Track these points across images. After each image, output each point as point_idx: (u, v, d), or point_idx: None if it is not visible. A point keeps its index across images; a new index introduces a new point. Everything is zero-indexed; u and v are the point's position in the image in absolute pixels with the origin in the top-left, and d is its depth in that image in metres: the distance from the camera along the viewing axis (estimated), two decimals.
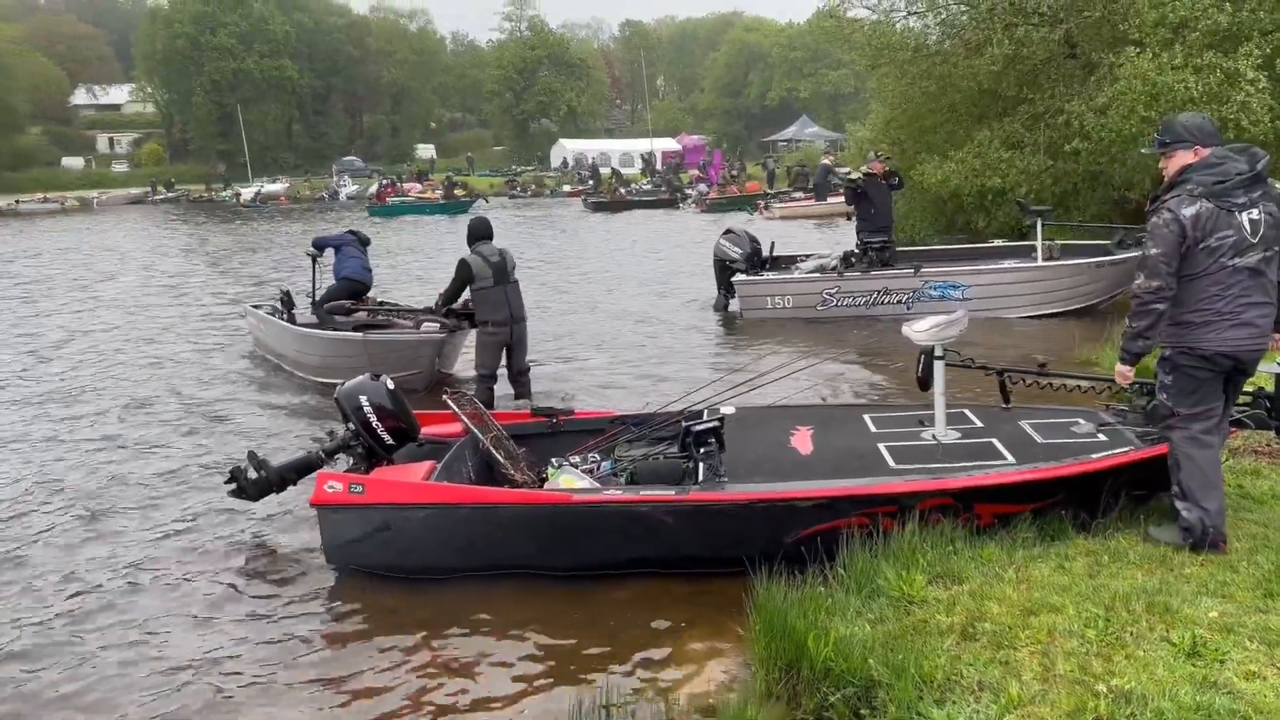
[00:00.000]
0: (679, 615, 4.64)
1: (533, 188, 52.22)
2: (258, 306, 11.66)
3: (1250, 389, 4.88)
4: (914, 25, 16.71)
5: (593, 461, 5.75)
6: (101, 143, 76.19)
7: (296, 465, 5.82)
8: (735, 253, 12.93)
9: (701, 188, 38.68)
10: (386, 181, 47.25)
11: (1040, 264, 11.81)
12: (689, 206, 36.17)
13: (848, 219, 15.31)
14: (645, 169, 52.40)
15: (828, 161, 33.82)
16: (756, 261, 13.05)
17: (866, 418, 5.94)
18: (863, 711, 3.46)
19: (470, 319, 9.39)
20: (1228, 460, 5.51)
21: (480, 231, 8.74)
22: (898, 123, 17.55)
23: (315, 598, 5.08)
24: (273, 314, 10.91)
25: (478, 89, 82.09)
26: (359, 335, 9.33)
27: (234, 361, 11.30)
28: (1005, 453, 5.12)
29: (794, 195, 32.91)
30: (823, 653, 3.65)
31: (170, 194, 56.23)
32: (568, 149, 64.57)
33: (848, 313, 12.14)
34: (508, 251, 8.73)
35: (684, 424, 5.64)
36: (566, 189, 49.33)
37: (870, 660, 3.54)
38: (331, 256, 10.86)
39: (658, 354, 10.84)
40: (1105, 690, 3.24)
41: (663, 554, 4.93)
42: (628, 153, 59.46)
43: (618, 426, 6.14)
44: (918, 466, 5.02)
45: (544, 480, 5.52)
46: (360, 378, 5.69)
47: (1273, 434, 5.29)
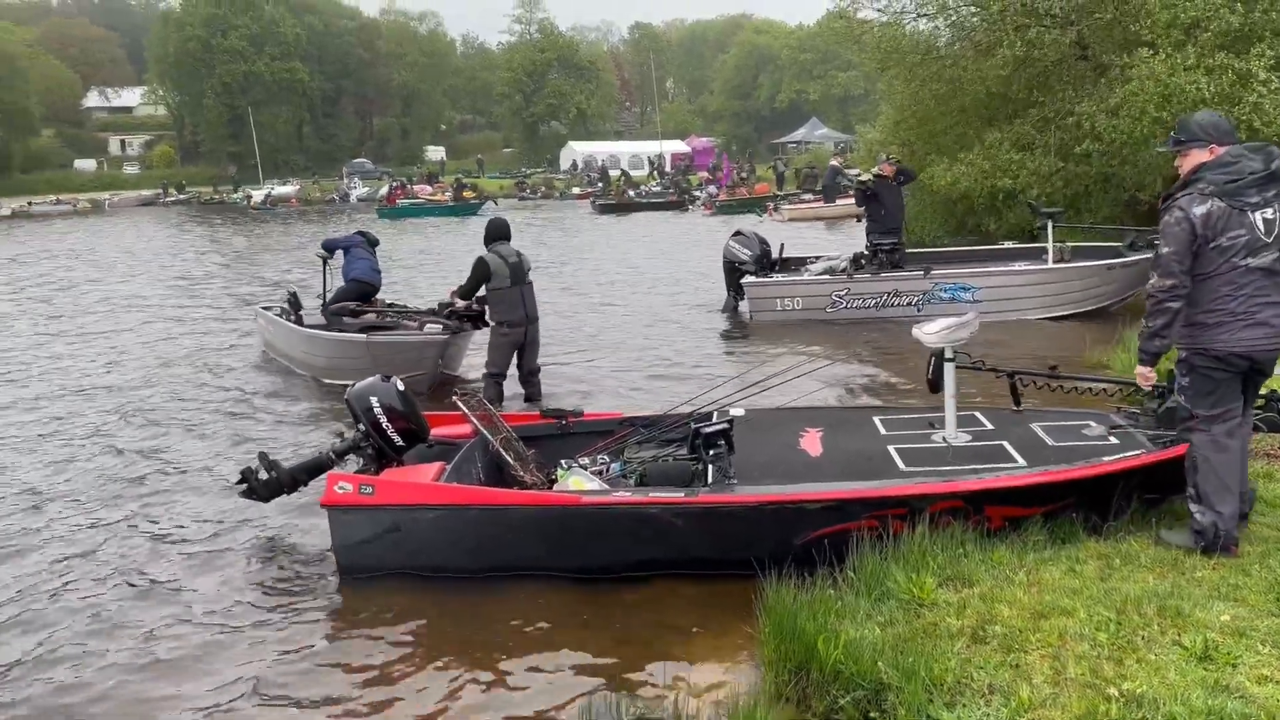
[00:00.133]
0: (688, 617, 4.64)
1: (542, 190, 52.28)
2: (267, 308, 11.71)
3: (1264, 392, 4.86)
4: (924, 27, 16.69)
5: (602, 463, 5.76)
6: (113, 145, 76.65)
7: (307, 466, 5.84)
8: (745, 254, 12.93)
9: (711, 189, 38.67)
10: (396, 184, 47.36)
11: (1051, 266, 11.77)
12: (697, 208, 36.17)
13: (857, 221, 15.29)
14: (652, 171, 52.40)
15: (836, 163, 33.82)
16: (766, 263, 13.03)
17: (876, 420, 5.92)
18: (872, 714, 3.45)
19: (473, 321, 9.43)
20: None
21: (499, 232, 8.82)
22: (907, 124, 17.53)
23: (325, 598, 5.09)
24: (281, 315, 10.95)
25: (488, 91, 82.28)
26: (363, 337, 9.38)
27: (244, 362, 11.34)
28: (1016, 455, 5.10)
29: (803, 197, 32.86)
30: (832, 655, 3.64)
31: (181, 196, 56.50)
32: (577, 151, 64.63)
33: (857, 315, 12.12)
34: (523, 253, 8.81)
35: (693, 426, 5.64)
36: (576, 191, 49.38)
37: (880, 663, 3.53)
38: (341, 258, 10.91)
39: (667, 356, 10.84)
40: (1116, 694, 3.23)
41: (672, 556, 4.92)
42: (637, 155, 59.50)
43: (627, 428, 6.15)
44: (928, 469, 5.00)
45: (553, 482, 5.52)
46: (371, 379, 5.70)
47: None
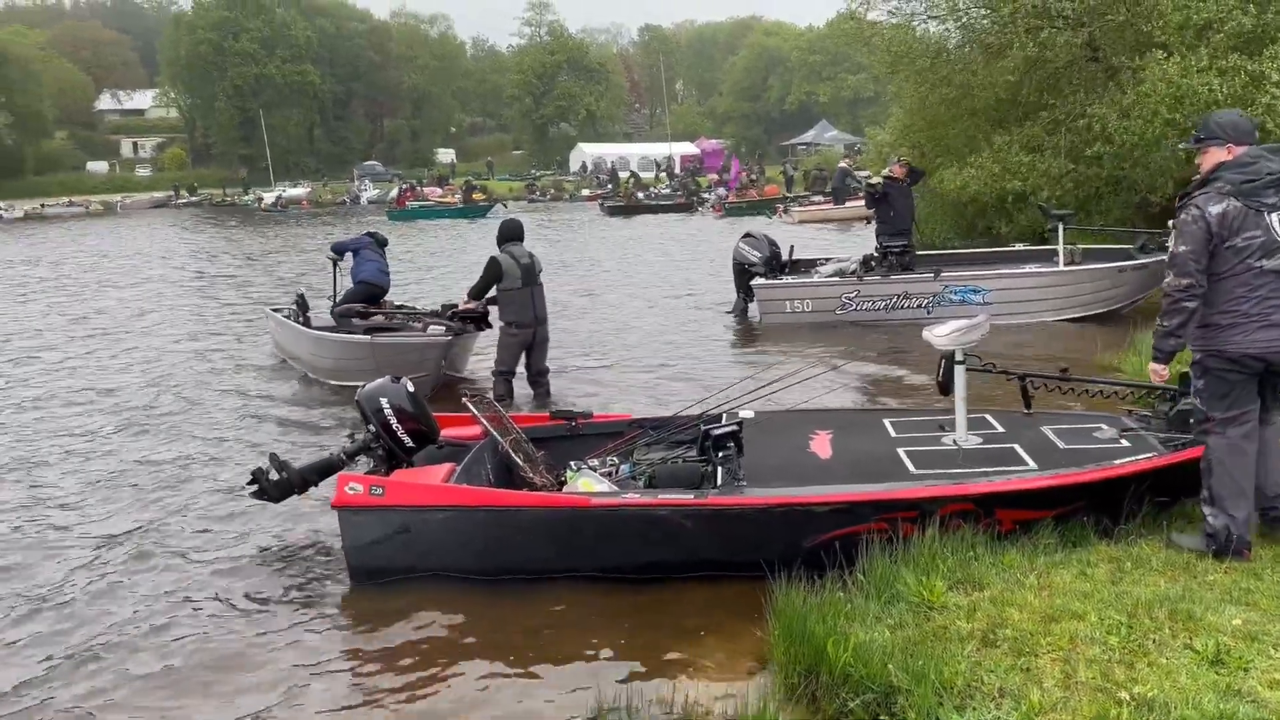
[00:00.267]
0: (698, 619, 4.63)
1: (551, 192, 52.38)
2: (277, 309, 11.76)
3: None
4: (934, 29, 16.65)
5: (611, 465, 5.76)
6: (125, 147, 77.03)
7: (318, 467, 5.85)
8: (754, 256, 12.90)
9: (720, 191, 38.66)
10: (405, 186, 47.54)
11: (1062, 268, 11.73)
12: (706, 210, 36.16)
13: (867, 223, 15.25)
14: (658, 173, 52.43)
15: (845, 164, 33.77)
16: (775, 265, 13.00)
17: (886, 422, 5.91)
18: (882, 717, 3.45)
19: (476, 322, 9.46)
20: None
21: (512, 233, 8.87)
22: (916, 127, 17.49)
23: (335, 599, 5.11)
24: (289, 317, 11.01)
25: (498, 94, 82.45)
26: (367, 338, 9.42)
27: (255, 363, 11.39)
28: (1027, 458, 5.08)
29: (813, 199, 32.83)
30: (842, 658, 3.64)
31: (193, 198, 56.77)
32: (586, 153, 64.71)
33: (867, 317, 12.10)
34: (536, 255, 8.84)
35: (703, 427, 5.64)
36: (585, 193, 49.46)
37: (890, 666, 3.52)
38: (350, 260, 10.96)
39: (676, 357, 10.84)
40: (1128, 698, 3.22)
41: (681, 558, 4.92)
42: (646, 157, 59.51)
43: (636, 430, 6.14)
44: (938, 472, 4.99)
45: (563, 483, 5.52)
46: (381, 380, 5.72)
47: None
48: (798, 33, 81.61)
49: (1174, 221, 12.31)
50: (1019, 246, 13.60)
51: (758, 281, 12.70)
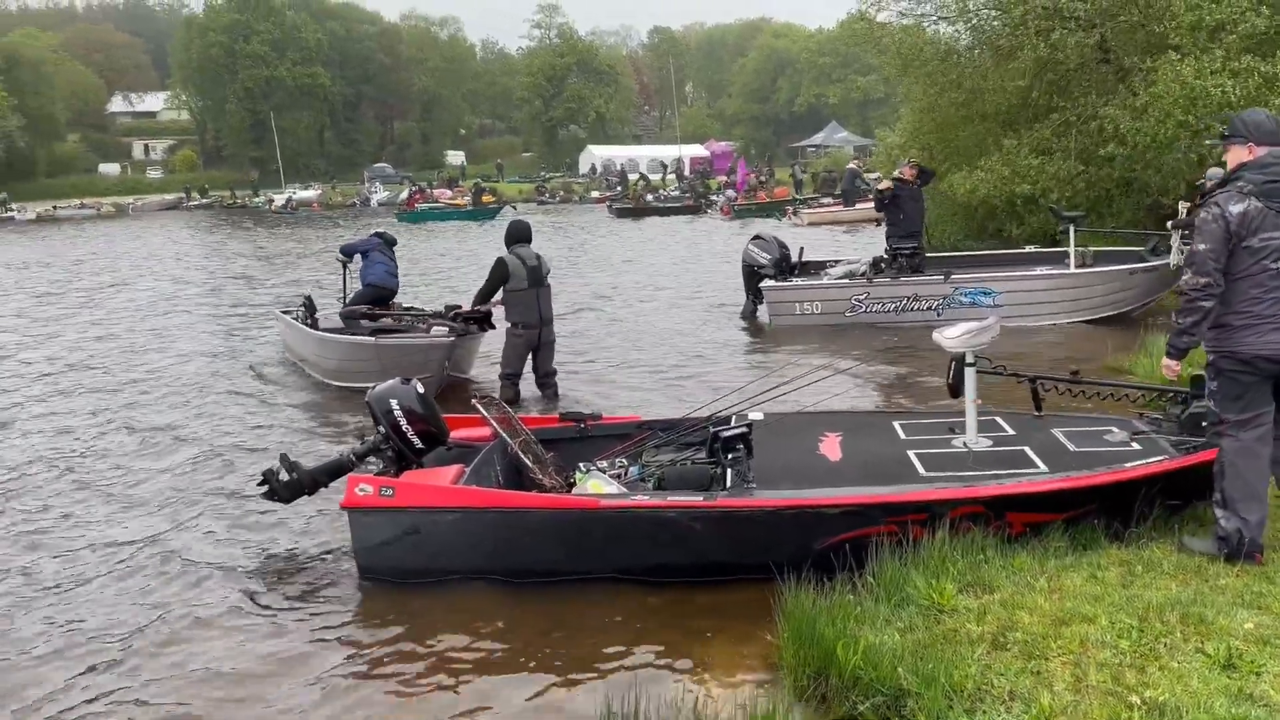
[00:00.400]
0: (707, 621, 4.63)
1: (561, 194, 52.44)
2: (287, 311, 11.80)
3: None
4: (944, 31, 16.62)
5: (620, 467, 5.76)
6: (137, 149, 77.43)
7: (328, 468, 5.87)
8: (764, 258, 12.89)
9: (730, 193, 38.67)
10: (415, 189, 47.69)
11: (1073, 271, 11.70)
12: (715, 212, 36.16)
13: (877, 225, 15.21)
14: (664, 175, 52.43)
15: (854, 166, 33.74)
16: (785, 267, 13.00)
17: (896, 424, 5.90)
18: None
19: (480, 323, 9.47)
20: None
21: (520, 234, 8.90)
22: (926, 129, 17.45)
23: (344, 600, 5.12)
24: (297, 319, 11.05)
25: (507, 96, 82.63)
26: (371, 339, 9.44)
27: (265, 364, 11.42)
28: (1037, 461, 5.07)
29: (823, 201, 32.81)
30: (852, 661, 3.63)
31: (204, 200, 57.01)
32: (596, 155, 64.78)
33: (877, 319, 12.07)
34: (544, 256, 8.85)
35: (712, 429, 5.63)
36: (595, 195, 49.52)
37: (900, 669, 3.52)
38: (360, 262, 11.01)
39: (685, 359, 10.84)
40: (1139, 702, 3.20)
41: (690, 560, 4.91)
42: (655, 159, 59.54)
43: (645, 432, 6.15)
44: (948, 474, 4.97)
45: (572, 485, 5.53)
46: (391, 381, 5.73)
47: None
48: (807, 34, 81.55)
49: (1171, 223, 12.20)
50: (1029, 248, 13.57)
51: (767, 283, 12.69)
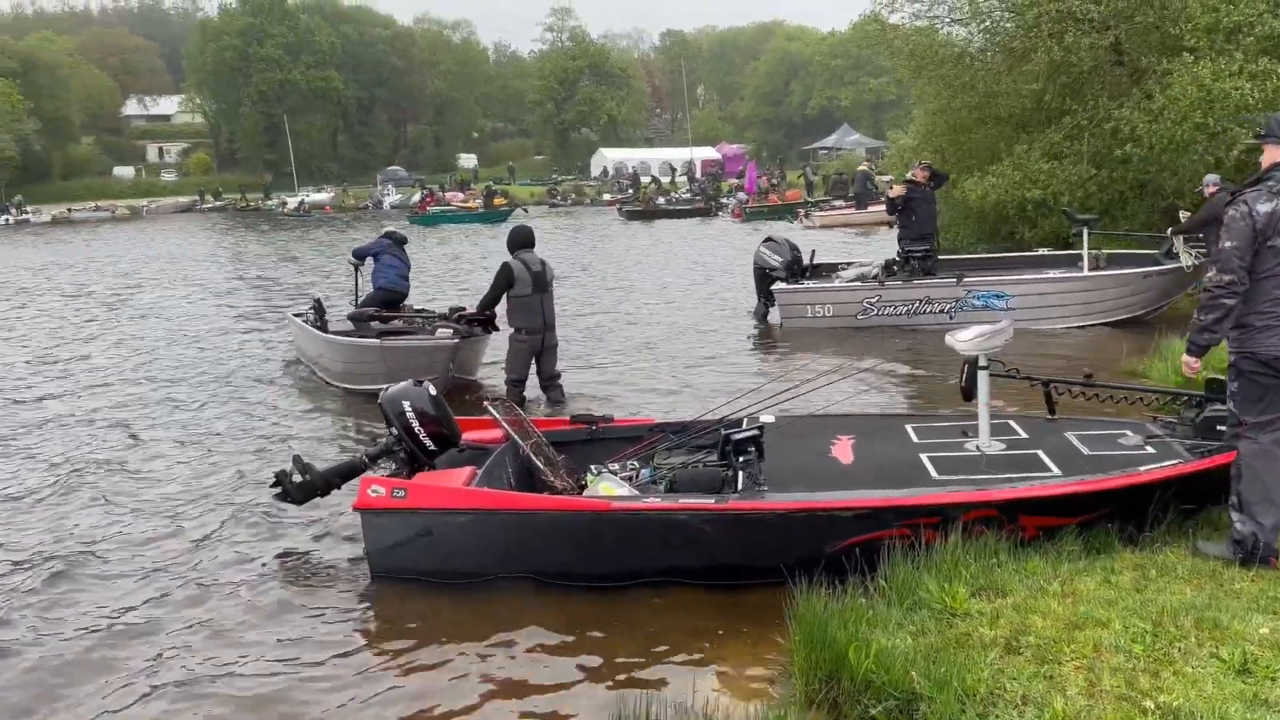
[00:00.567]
0: (718, 623, 4.62)
1: (573, 196, 52.53)
2: (298, 314, 11.87)
3: None
4: (958, 33, 16.56)
5: (632, 469, 5.76)
6: (151, 152, 77.84)
7: (341, 470, 5.90)
8: (775, 261, 12.88)
9: (741, 195, 38.63)
10: (426, 191, 47.88)
11: (1086, 274, 11.65)
12: (726, 215, 36.16)
13: (889, 227, 15.16)
14: (674, 178, 52.46)
15: (865, 168, 33.67)
16: (797, 270, 12.98)
17: (909, 428, 5.89)
18: None
19: (484, 325, 9.50)
20: None
21: (524, 239, 8.90)
22: (939, 131, 17.39)
23: (357, 601, 5.13)
24: (307, 322, 11.11)
25: (520, 99, 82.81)
26: (376, 341, 9.48)
27: (278, 366, 11.48)
28: (1050, 464, 5.05)
29: (834, 203, 32.76)
30: (864, 664, 3.62)
31: (218, 203, 57.31)
32: (608, 158, 64.86)
33: (889, 322, 12.05)
34: (548, 262, 8.87)
35: (723, 432, 5.63)
36: (606, 198, 49.61)
37: (912, 673, 3.50)
38: (372, 265, 11.08)
39: (697, 361, 10.83)
40: (1153, 706, 3.19)
41: (701, 562, 4.91)
42: (667, 162, 59.58)
43: (657, 434, 6.14)
44: (961, 477, 4.96)
45: (583, 487, 5.53)
46: (404, 383, 5.76)
47: None
48: (819, 37, 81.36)
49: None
50: (1042, 251, 13.51)
51: (779, 286, 12.68)
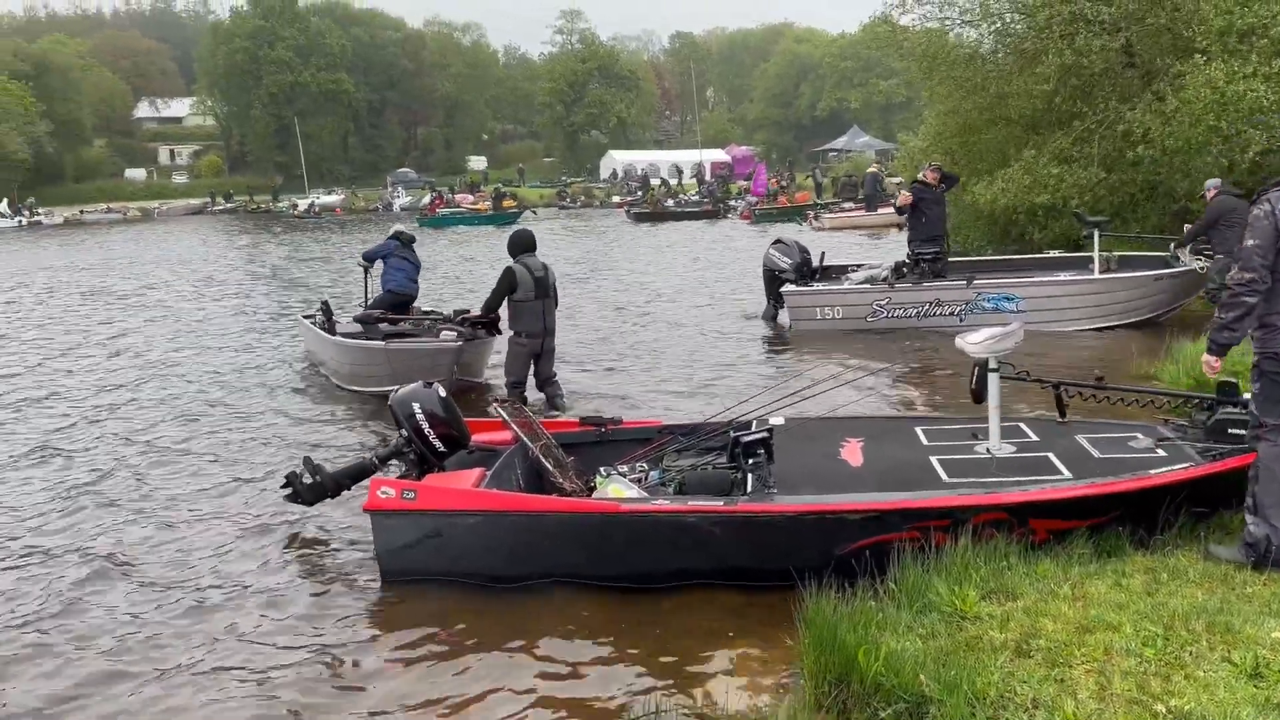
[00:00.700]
0: (727, 625, 4.63)
1: (582, 198, 52.57)
2: (308, 316, 11.91)
3: None
4: (969, 34, 16.52)
5: (641, 471, 5.76)
6: (163, 155, 78.11)
7: (351, 471, 5.92)
8: (785, 263, 12.87)
9: (751, 198, 38.62)
10: (436, 194, 48.02)
11: (1097, 276, 11.60)
12: (734, 217, 36.15)
13: (899, 230, 15.12)
14: (680, 180, 52.44)
15: (875, 170, 33.63)
16: (806, 272, 12.96)
17: (918, 430, 5.88)
18: None
19: (488, 328, 9.53)
20: None
21: (525, 244, 8.91)
22: (949, 132, 17.35)
23: (367, 602, 5.14)
24: (316, 324, 11.16)
25: (529, 101, 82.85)
26: (381, 344, 9.52)
27: (288, 368, 11.51)
28: (1061, 467, 5.04)
29: (844, 205, 32.72)
30: (873, 667, 3.61)
31: (229, 205, 57.53)
32: (617, 160, 64.89)
33: (898, 324, 12.01)
34: (550, 266, 8.89)
35: (732, 434, 5.63)
36: (616, 200, 49.65)
37: (922, 676, 3.50)
38: (381, 267, 11.14)
39: (706, 364, 10.83)
40: (1164, 710, 3.17)
41: (710, 565, 4.91)
42: (676, 163, 59.60)
43: (666, 436, 6.15)
44: (971, 480, 4.95)
45: (592, 489, 5.53)
46: (414, 385, 5.78)
47: None
48: (829, 39, 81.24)
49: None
50: (1053, 253, 13.47)
51: (788, 288, 12.67)
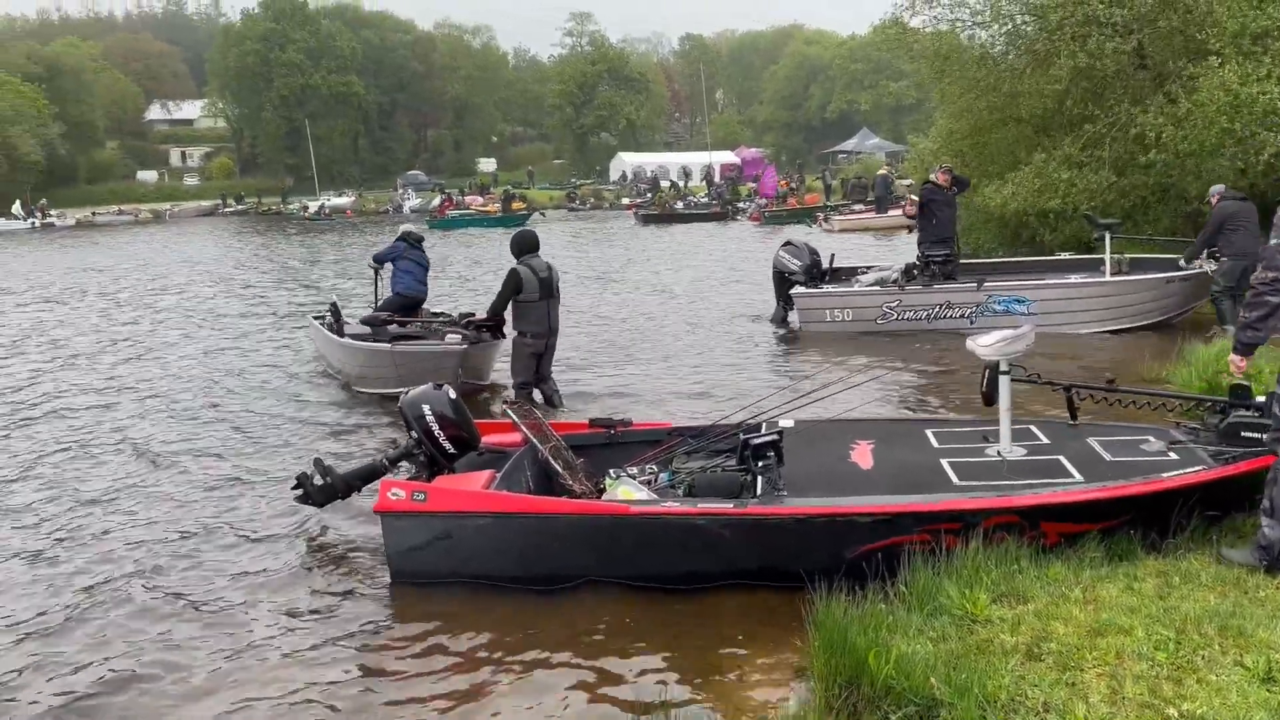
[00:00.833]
0: (737, 628, 4.62)
1: (591, 201, 52.62)
2: (318, 317, 11.95)
3: None
4: (979, 36, 16.48)
5: (650, 473, 5.75)
6: (174, 156, 78.52)
7: (361, 473, 5.93)
8: (794, 264, 12.84)
9: (760, 200, 38.62)
10: (445, 196, 48.17)
11: (1108, 278, 11.56)
12: (744, 219, 36.14)
13: (909, 231, 15.08)
14: (687, 183, 52.43)
15: (885, 172, 33.59)
16: (816, 273, 12.94)
17: (929, 433, 5.87)
18: None
19: (492, 331, 9.56)
20: None
21: (529, 245, 8.94)
22: (960, 133, 17.30)
23: (377, 604, 5.15)
24: (325, 325, 11.20)
25: (539, 103, 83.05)
26: (387, 346, 9.55)
27: (299, 369, 11.54)
28: (1073, 470, 5.02)
29: (854, 207, 32.69)
30: (884, 670, 3.60)
31: (240, 206, 57.78)
32: (626, 162, 64.98)
33: (908, 326, 11.99)
34: (554, 267, 8.92)
35: (742, 436, 5.63)
36: (625, 202, 49.69)
37: (932, 679, 3.49)
38: (391, 269, 11.18)
39: (715, 366, 10.82)
40: (1176, 715, 3.16)
41: (720, 567, 4.91)
42: (685, 166, 59.63)
43: (675, 438, 6.14)
44: (982, 483, 4.94)
45: (602, 491, 5.53)
46: (424, 387, 5.79)
47: None
48: (839, 41, 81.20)
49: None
50: (1064, 255, 13.42)
51: (798, 290, 12.65)
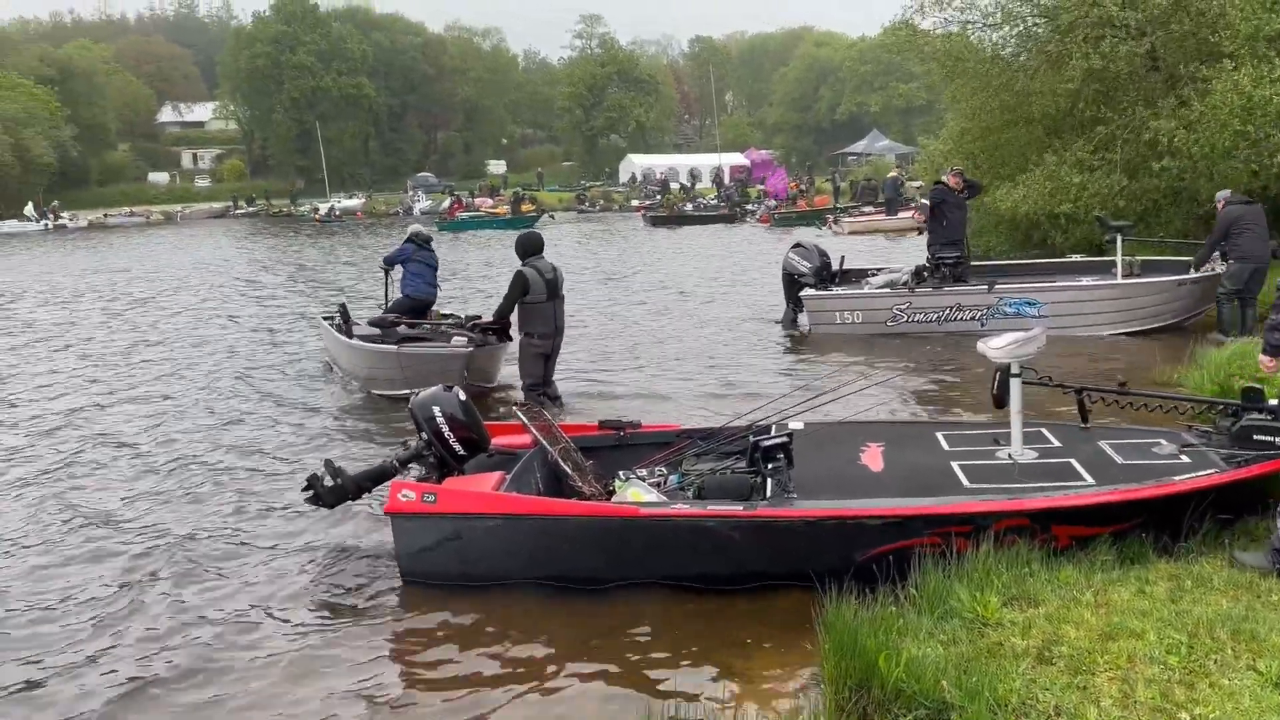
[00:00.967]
0: (746, 631, 4.62)
1: (601, 202, 52.66)
2: (328, 317, 11.99)
3: None
4: (990, 38, 16.45)
5: (660, 475, 5.76)
6: (186, 159, 78.77)
7: (371, 474, 5.94)
8: (804, 266, 12.82)
9: (770, 202, 38.61)
10: (454, 198, 48.27)
11: (1120, 281, 11.52)
12: (753, 221, 36.13)
13: (919, 234, 15.04)
14: (694, 184, 52.42)
15: (895, 174, 33.54)
16: (826, 275, 12.92)
17: (939, 435, 5.86)
18: None
19: (498, 334, 9.58)
20: None
21: (534, 246, 8.98)
22: (971, 134, 17.26)
23: (387, 605, 5.16)
24: (334, 327, 11.25)
25: (549, 105, 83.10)
26: (393, 348, 9.59)
27: (310, 370, 11.57)
28: (1084, 473, 5.01)
29: (864, 209, 32.65)
30: (894, 673, 3.60)
31: (250, 208, 58.00)
32: (636, 164, 64.94)
33: (919, 329, 11.96)
34: (559, 268, 8.95)
35: (752, 439, 5.62)
36: (635, 204, 49.72)
37: (943, 682, 3.48)
38: (401, 271, 11.23)
39: (725, 368, 10.81)
40: (1188, 718, 3.15)
41: (730, 569, 4.91)
42: (695, 168, 59.60)
43: (685, 440, 6.15)
44: (993, 486, 4.93)
45: (611, 493, 5.54)
46: (434, 388, 5.80)
47: None
48: (849, 43, 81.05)
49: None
50: (1075, 258, 13.37)
51: (807, 292, 12.62)
